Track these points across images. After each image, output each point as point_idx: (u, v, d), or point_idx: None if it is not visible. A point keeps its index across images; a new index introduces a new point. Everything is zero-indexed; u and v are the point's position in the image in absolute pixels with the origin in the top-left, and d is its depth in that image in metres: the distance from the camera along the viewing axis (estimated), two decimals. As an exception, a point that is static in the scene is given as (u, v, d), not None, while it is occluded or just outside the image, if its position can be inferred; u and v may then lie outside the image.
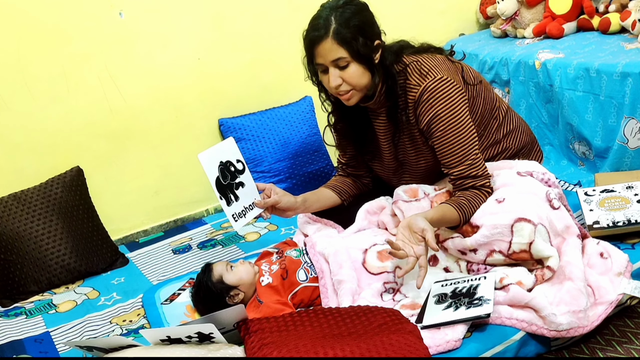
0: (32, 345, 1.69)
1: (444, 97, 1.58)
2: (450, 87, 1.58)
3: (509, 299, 1.44)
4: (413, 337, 1.32)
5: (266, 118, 2.49)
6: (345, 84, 1.57)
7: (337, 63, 1.54)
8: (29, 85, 2.10)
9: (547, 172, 1.68)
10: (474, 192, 1.60)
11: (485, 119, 1.75)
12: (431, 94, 1.58)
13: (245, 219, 1.69)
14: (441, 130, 1.59)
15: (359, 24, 1.55)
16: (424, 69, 1.60)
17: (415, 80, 1.61)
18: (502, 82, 2.55)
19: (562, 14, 2.52)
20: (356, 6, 1.58)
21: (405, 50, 1.67)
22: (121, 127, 2.28)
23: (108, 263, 2.11)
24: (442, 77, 1.58)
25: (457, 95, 1.59)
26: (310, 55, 1.59)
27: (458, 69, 1.67)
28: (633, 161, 2.06)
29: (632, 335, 1.54)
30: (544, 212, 1.53)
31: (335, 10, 1.55)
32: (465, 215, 1.57)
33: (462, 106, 1.59)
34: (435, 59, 1.64)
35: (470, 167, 1.59)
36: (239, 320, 1.44)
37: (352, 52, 1.53)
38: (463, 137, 1.58)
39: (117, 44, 2.21)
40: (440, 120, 1.58)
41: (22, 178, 2.10)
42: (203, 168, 1.66)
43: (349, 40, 1.52)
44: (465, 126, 1.59)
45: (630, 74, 1.99)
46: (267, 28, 2.49)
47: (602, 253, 1.56)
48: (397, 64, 1.63)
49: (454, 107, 1.58)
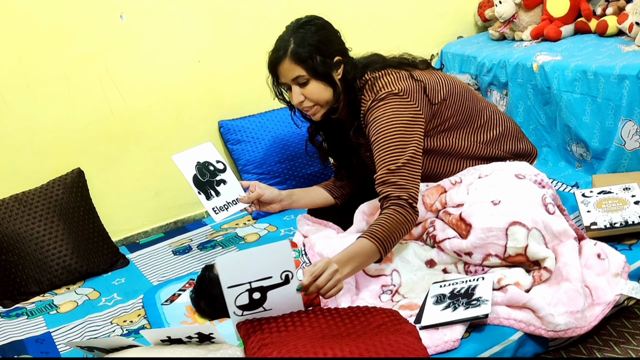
0: (33, 346, 1.70)
1: (386, 107, 1.59)
2: (397, 99, 1.59)
3: (507, 299, 1.45)
4: (412, 337, 1.33)
5: (266, 120, 2.49)
6: (308, 100, 1.64)
7: (297, 81, 1.63)
8: (30, 86, 2.11)
9: (539, 173, 1.68)
10: (391, 214, 1.49)
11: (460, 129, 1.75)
12: (376, 104, 1.61)
13: (227, 212, 1.77)
14: (374, 133, 1.59)
15: (316, 43, 1.61)
16: (378, 85, 1.63)
17: (367, 95, 1.64)
18: (500, 85, 2.56)
19: (560, 16, 2.53)
20: (314, 25, 1.65)
21: (372, 66, 1.69)
22: (122, 129, 2.29)
23: (109, 264, 2.11)
24: (391, 90, 1.60)
25: (402, 108, 1.59)
26: (275, 76, 1.68)
27: (420, 87, 1.65)
28: (630, 163, 2.07)
29: (630, 335, 1.54)
30: (539, 217, 1.54)
31: (295, 32, 1.63)
32: (385, 246, 1.47)
33: (405, 117, 1.58)
34: (395, 75, 1.65)
35: (393, 173, 1.53)
36: (286, 268, 1.35)
37: (309, 69, 1.60)
38: (394, 143, 1.56)
39: (118, 46, 2.22)
40: (375, 125, 1.59)
41: (23, 179, 2.11)
42: (178, 168, 1.78)
43: (306, 59, 1.60)
44: (400, 135, 1.56)
45: (627, 76, 2.00)
46: (267, 31, 2.47)
47: (599, 254, 1.56)
48: (359, 79, 1.67)
49: (393, 115, 1.58)
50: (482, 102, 1.83)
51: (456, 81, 1.78)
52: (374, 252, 1.48)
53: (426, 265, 1.63)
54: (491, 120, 1.81)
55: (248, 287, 1.35)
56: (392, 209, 1.51)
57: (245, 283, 1.34)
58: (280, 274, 1.35)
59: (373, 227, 1.49)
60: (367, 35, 2.70)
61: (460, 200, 1.65)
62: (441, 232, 1.63)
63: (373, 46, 2.72)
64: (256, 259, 1.34)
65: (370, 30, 2.72)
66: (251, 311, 1.39)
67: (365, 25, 2.71)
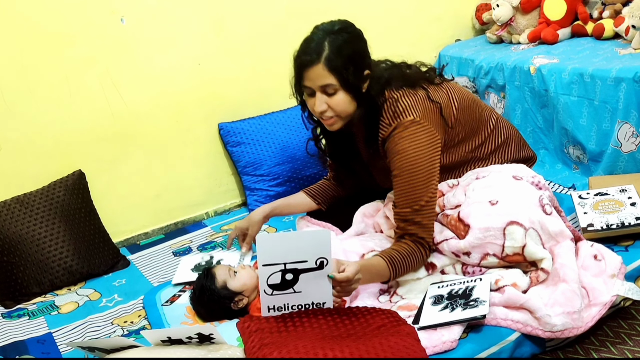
0: (35, 346, 1.70)
1: (408, 138, 1.55)
2: (419, 130, 1.55)
3: (504, 300, 1.46)
4: (411, 339, 1.34)
5: (265, 122, 2.51)
6: (330, 110, 1.57)
7: (325, 89, 1.54)
8: (31, 89, 2.12)
9: (536, 175, 1.69)
10: (411, 247, 1.55)
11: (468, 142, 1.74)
12: (397, 134, 1.56)
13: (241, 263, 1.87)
14: (399, 169, 1.55)
15: (352, 54, 1.54)
16: (399, 109, 1.58)
17: (388, 118, 1.59)
18: (497, 87, 2.57)
19: (557, 20, 2.55)
20: (350, 34, 1.57)
21: (392, 83, 1.63)
22: (122, 131, 2.30)
23: (109, 265, 2.12)
24: (413, 119, 1.56)
25: (425, 139, 1.55)
26: (299, 77, 1.59)
27: (437, 108, 1.63)
28: (627, 165, 2.08)
29: (626, 335, 1.55)
30: (536, 217, 1.55)
31: (329, 35, 1.53)
32: (396, 272, 1.53)
33: (428, 150, 1.55)
34: (414, 97, 1.60)
35: (417, 213, 1.54)
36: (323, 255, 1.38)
37: (342, 80, 1.53)
38: (418, 181, 1.54)
39: (119, 50, 2.23)
40: (400, 159, 1.55)
41: (25, 181, 2.12)
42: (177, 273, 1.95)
43: (340, 69, 1.51)
44: (424, 171, 1.54)
45: (624, 79, 2.01)
46: (266, 34, 2.51)
47: (595, 255, 1.57)
48: (380, 95, 1.61)
49: (417, 149, 1.54)
50: (487, 111, 1.80)
51: (464, 94, 1.74)
52: (385, 275, 1.53)
53: (427, 271, 1.64)
54: (496, 129, 1.80)
55: (282, 267, 1.38)
56: (416, 246, 1.56)
57: (280, 263, 1.37)
58: (315, 259, 1.38)
59: (393, 253, 1.53)
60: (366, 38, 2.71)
61: (458, 201, 1.66)
62: (439, 234, 1.64)
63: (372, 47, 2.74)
64: (295, 242, 1.37)
65: (368, 33, 2.72)
66: (281, 291, 1.42)
67: (363, 28, 2.70)
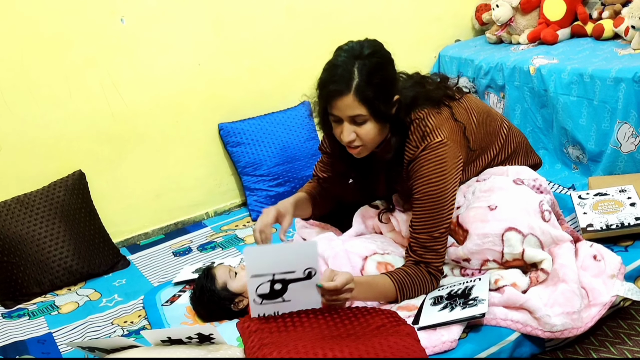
0: (35, 346, 1.71)
1: (435, 161, 1.50)
2: (446, 151, 1.51)
3: (504, 300, 1.46)
4: (411, 339, 1.33)
5: (265, 123, 2.51)
6: (359, 140, 1.49)
7: (355, 119, 1.45)
8: (32, 90, 2.12)
9: (538, 177, 1.67)
10: (425, 276, 1.53)
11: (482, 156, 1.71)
12: (425, 156, 1.50)
13: None
14: (422, 193, 1.51)
15: (382, 82, 1.44)
16: (427, 129, 1.52)
17: (415, 140, 1.53)
18: (497, 87, 2.57)
19: (557, 20, 2.55)
20: (380, 59, 1.46)
21: (418, 103, 1.55)
22: (123, 132, 2.30)
23: (109, 265, 2.13)
24: (441, 140, 1.50)
25: (451, 162, 1.51)
26: (325, 104, 1.47)
27: (460, 128, 1.58)
28: (626, 165, 2.08)
29: (625, 336, 1.55)
30: (535, 223, 1.54)
31: (358, 61, 1.43)
32: (403, 296, 1.51)
33: (452, 173, 1.51)
34: (440, 118, 1.55)
35: (435, 240, 1.52)
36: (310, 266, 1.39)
37: (373, 110, 1.44)
38: (441, 207, 1.50)
39: (119, 50, 2.23)
40: (424, 183, 1.51)
41: (25, 182, 2.13)
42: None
43: (371, 99, 1.42)
44: (448, 197, 1.51)
45: (623, 79, 2.01)
46: (266, 35, 2.51)
47: (595, 255, 1.56)
48: (407, 117, 1.54)
49: (443, 175, 1.50)
50: (498, 122, 1.76)
51: (480, 108, 1.70)
52: (390, 297, 1.52)
53: None
54: (508, 139, 1.77)
55: (271, 278, 1.39)
56: (430, 276, 1.54)
57: (268, 274, 1.38)
58: (303, 270, 1.39)
59: (406, 279, 1.52)
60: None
61: (457, 203, 1.66)
62: None
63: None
64: (283, 254, 1.39)
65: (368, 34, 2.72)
66: (270, 300, 1.43)
67: (364, 29, 2.70)
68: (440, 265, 1.55)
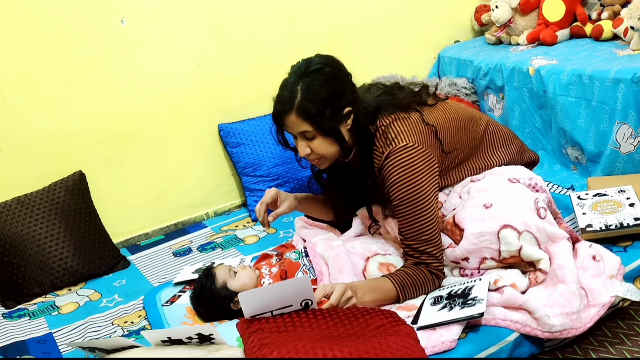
0: (35, 346, 1.71)
1: (404, 165, 1.50)
2: (414, 154, 1.50)
3: (503, 300, 1.46)
4: (410, 339, 1.34)
5: (265, 123, 2.51)
6: (314, 153, 1.55)
7: (304, 135, 1.52)
8: (32, 91, 2.12)
9: (533, 176, 1.67)
10: (426, 276, 1.54)
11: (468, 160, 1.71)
12: (392, 161, 1.51)
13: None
14: (397, 199, 1.51)
15: (327, 97, 1.48)
16: (391, 135, 1.53)
17: (381, 146, 1.54)
18: (496, 88, 2.58)
19: (556, 21, 2.56)
20: (325, 75, 1.49)
21: (382, 110, 1.57)
22: (123, 132, 2.30)
23: (110, 265, 2.13)
24: (407, 144, 1.50)
25: (421, 164, 1.51)
26: (279, 125, 1.57)
27: (432, 132, 1.57)
28: (625, 166, 2.08)
29: (624, 336, 1.55)
30: (531, 220, 1.54)
31: (302, 80, 1.48)
32: (405, 297, 1.52)
33: (425, 175, 1.50)
34: (407, 122, 1.55)
35: (426, 243, 1.52)
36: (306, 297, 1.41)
37: (317, 126, 1.49)
38: (421, 210, 1.51)
39: (119, 51, 2.24)
40: (398, 190, 1.50)
41: (26, 182, 2.13)
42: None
43: (314, 116, 1.47)
44: (425, 199, 1.50)
45: (622, 80, 2.02)
46: (266, 35, 2.52)
47: (594, 256, 1.56)
48: (371, 124, 1.56)
49: (414, 176, 1.50)
50: (484, 124, 1.75)
51: (460, 114, 1.69)
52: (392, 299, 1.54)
53: None
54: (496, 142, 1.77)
55: (269, 315, 1.42)
56: (431, 276, 1.55)
57: (266, 312, 1.42)
58: (300, 302, 1.42)
59: (407, 280, 1.52)
60: (365, 40, 2.72)
61: (453, 205, 1.66)
62: None
63: (371, 49, 2.76)
64: (277, 292, 1.40)
65: (368, 35, 2.74)
66: None
67: (363, 30, 2.73)
68: (439, 265, 1.56)
